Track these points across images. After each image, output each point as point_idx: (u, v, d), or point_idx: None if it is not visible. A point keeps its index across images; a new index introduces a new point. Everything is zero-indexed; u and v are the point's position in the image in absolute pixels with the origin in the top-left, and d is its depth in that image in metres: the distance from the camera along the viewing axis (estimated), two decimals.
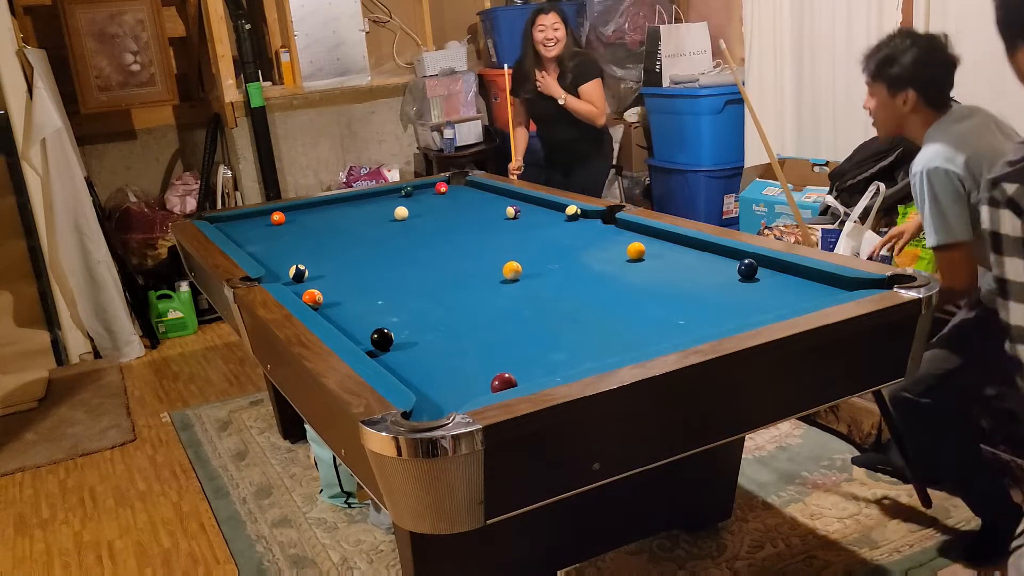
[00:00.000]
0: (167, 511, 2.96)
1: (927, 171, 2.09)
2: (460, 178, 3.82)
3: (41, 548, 2.81)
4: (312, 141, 5.31)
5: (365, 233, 3.05)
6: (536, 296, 2.14)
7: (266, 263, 2.57)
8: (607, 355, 1.60)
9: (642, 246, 2.36)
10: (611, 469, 1.48)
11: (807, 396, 1.76)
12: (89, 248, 4.39)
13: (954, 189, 2.07)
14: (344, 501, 2.83)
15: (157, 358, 4.54)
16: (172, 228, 3.22)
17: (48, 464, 3.39)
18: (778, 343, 1.60)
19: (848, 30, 3.84)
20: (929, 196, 2.09)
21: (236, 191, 5.18)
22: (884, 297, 1.79)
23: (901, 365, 1.81)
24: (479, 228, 2.98)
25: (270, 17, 5.21)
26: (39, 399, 3.99)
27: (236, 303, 2.21)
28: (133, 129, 5.34)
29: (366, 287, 2.34)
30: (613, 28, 5.23)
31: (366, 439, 1.34)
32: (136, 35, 4.92)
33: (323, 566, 2.53)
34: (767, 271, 2.13)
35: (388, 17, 5.57)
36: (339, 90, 5.24)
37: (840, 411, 2.94)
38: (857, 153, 3.47)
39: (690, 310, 1.93)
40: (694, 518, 2.51)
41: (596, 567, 2.39)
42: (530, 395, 1.41)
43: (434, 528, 1.37)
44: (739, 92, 4.52)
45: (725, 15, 4.90)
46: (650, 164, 5.10)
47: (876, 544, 2.41)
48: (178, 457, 3.36)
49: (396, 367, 1.70)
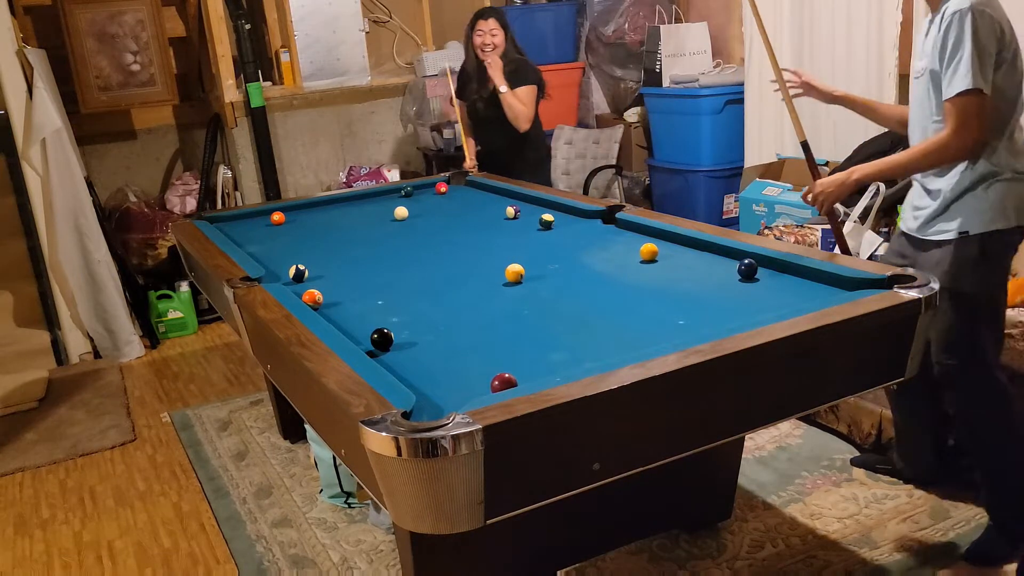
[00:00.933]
0: (167, 511, 2.96)
1: (974, 10, 1.99)
2: (460, 178, 3.82)
3: (41, 548, 2.81)
4: (312, 141, 5.32)
5: (365, 233, 3.05)
6: (536, 296, 2.14)
7: (266, 263, 2.57)
8: (607, 355, 1.60)
9: (655, 247, 2.34)
10: (611, 469, 1.48)
11: (807, 396, 1.76)
12: (89, 248, 4.39)
13: (995, 36, 2.00)
14: (344, 501, 2.83)
15: (157, 358, 4.54)
16: (172, 228, 3.22)
17: (48, 464, 3.39)
18: (778, 343, 1.60)
19: (848, 30, 3.85)
20: (971, 36, 1.98)
21: (236, 191, 5.18)
22: (884, 297, 1.79)
23: (901, 365, 1.80)
24: (479, 228, 2.98)
25: (270, 17, 5.21)
26: (39, 399, 3.99)
27: (236, 303, 2.21)
28: (133, 129, 5.34)
29: (366, 287, 2.34)
30: (613, 28, 5.24)
31: (366, 439, 1.34)
32: (136, 35, 4.92)
33: (323, 566, 2.53)
34: (767, 271, 2.13)
35: (388, 17, 5.57)
36: (339, 90, 5.24)
37: (840, 411, 2.94)
38: (857, 153, 3.47)
39: (690, 310, 1.93)
40: (694, 518, 2.51)
41: (596, 567, 2.39)
42: (530, 395, 1.41)
43: (434, 528, 1.37)
44: (739, 92, 4.54)
45: (725, 15, 4.90)
46: (650, 164, 5.10)
47: (876, 544, 2.41)
48: (178, 457, 3.36)
49: (396, 367, 1.70)
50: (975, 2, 2.01)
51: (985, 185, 2.13)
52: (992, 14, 2.02)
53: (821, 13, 3.98)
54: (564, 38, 5.45)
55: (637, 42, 5.17)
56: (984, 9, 2.01)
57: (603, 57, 5.43)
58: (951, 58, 2.04)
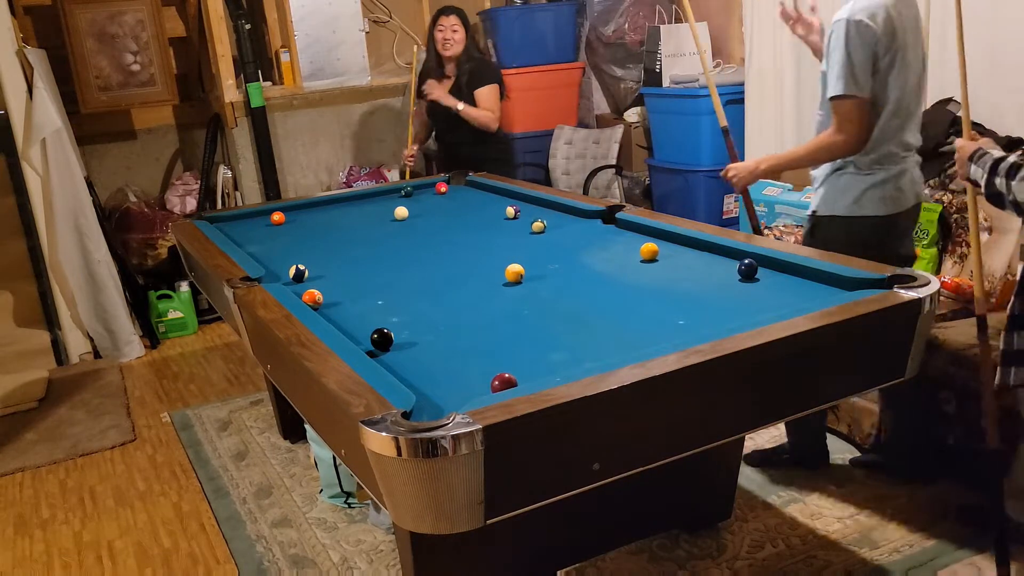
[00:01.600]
0: (167, 511, 2.96)
1: (850, 21, 2.24)
2: (460, 178, 3.82)
3: (41, 548, 2.81)
4: (312, 141, 5.32)
5: (365, 233, 3.05)
6: (536, 296, 2.14)
7: (266, 263, 2.57)
8: (607, 355, 1.60)
9: (655, 247, 2.35)
10: (611, 469, 1.48)
11: (808, 396, 1.76)
12: (89, 248, 4.39)
13: (871, 45, 2.24)
14: (344, 501, 2.83)
15: (157, 358, 4.54)
16: (172, 228, 3.22)
17: (48, 464, 3.39)
18: (778, 343, 1.60)
19: None
20: (844, 45, 2.24)
21: (236, 191, 5.18)
22: (884, 297, 1.79)
23: (901, 365, 1.81)
24: (479, 228, 2.98)
25: (270, 17, 5.21)
26: (39, 399, 3.99)
27: (236, 303, 2.21)
28: (133, 129, 5.34)
29: (366, 287, 2.34)
30: (613, 28, 5.23)
31: (366, 439, 1.34)
32: (136, 35, 4.92)
33: (323, 566, 2.53)
34: (767, 271, 2.13)
35: (388, 17, 5.57)
36: (339, 90, 5.24)
37: (840, 411, 2.94)
38: None
39: (690, 310, 1.93)
40: (694, 518, 2.51)
41: (596, 567, 2.39)
42: (530, 395, 1.41)
43: (434, 528, 1.37)
44: (739, 92, 4.53)
45: (725, 15, 4.90)
46: (650, 164, 5.09)
47: (876, 544, 2.41)
48: (178, 457, 3.36)
49: (396, 367, 1.70)
50: (853, 12, 2.24)
51: (838, 174, 2.44)
52: (871, 24, 2.23)
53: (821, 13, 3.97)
54: (564, 38, 5.44)
55: (637, 42, 5.17)
56: (862, 19, 2.23)
57: (603, 57, 5.42)
58: (830, 63, 2.31)
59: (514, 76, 5.20)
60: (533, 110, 5.38)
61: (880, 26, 2.23)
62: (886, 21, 2.24)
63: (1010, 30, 3.09)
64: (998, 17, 3.12)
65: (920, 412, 2.61)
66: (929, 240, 3.03)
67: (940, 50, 3.35)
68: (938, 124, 3.15)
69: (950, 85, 3.32)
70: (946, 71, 3.34)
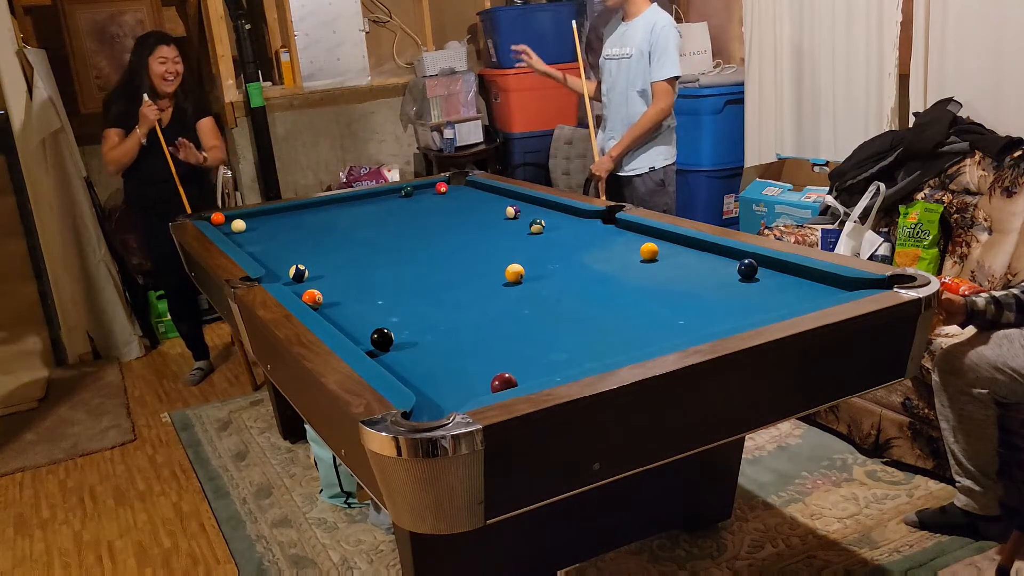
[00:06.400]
0: (167, 511, 2.96)
1: (674, 24, 3.46)
2: (460, 178, 3.82)
3: (41, 548, 2.81)
4: (312, 141, 5.31)
5: (365, 233, 3.05)
6: (536, 296, 2.14)
7: (266, 263, 2.57)
8: (607, 355, 1.60)
9: (655, 247, 2.34)
10: (611, 469, 1.48)
11: (807, 396, 1.76)
12: (89, 248, 4.39)
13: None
14: (344, 501, 2.83)
15: (157, 358, 4.54)
16: (172, 228, 3.22)
17: (48, 464, 3.39)
18: (778, 343, 1.60)
19: (848, 30, 3.84)
20: (675, 40, 3.43)
21: (236, 191, 5.17)
22: (884, 297, 1.79)
23: (901, 365, 1.81)
24: (479, 228, 2.98)
25: (270, 17, 5.21)
26: (39, 399, 3.99)
27: (236, 303, 2.21)
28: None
29: (366, 287, 2.34)
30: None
31: (366, 439, 1.34)
32: (136, 35, 4.90)
33: (323, 566, 2.53)
34: (767, 271, 2.13)
35: (388, 17, 5.57)
36: (339, 90, 5.24)
37: (840, 411, 2.94)
38: (857, 153, 3.47)
39: (690, 310, 1.93)
40: (694, 518, 2.51)
41: (596, 567, 2.39)
42: (530, 395, 1.41)
43: (434, 528, 1.37)
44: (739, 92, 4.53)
45: (725, 15, 4.90)
46: None
47: (876, 544, 2.41)
48: (178, 457, 3.36)
49: (396, 367, 1.70)
50: (670, 20, 3.46)
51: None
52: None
53: (821, 13, 3.98)
54: (564, 38, 5.43)
55: None
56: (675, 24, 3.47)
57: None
58: (664, 51, 3.40)
59: (514, 76, 5.21)
60: (533, 110, 5.38)
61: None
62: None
63: (1010, 30, 3.09)
64: (1000, 17, 3.12)
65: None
66: (930, 240, 3.03)
67: (940, 50, 3.35)
68: (938, 124, 3.15)
69: (950, 85, 3.32)
70: (946, 71, 3.35)
